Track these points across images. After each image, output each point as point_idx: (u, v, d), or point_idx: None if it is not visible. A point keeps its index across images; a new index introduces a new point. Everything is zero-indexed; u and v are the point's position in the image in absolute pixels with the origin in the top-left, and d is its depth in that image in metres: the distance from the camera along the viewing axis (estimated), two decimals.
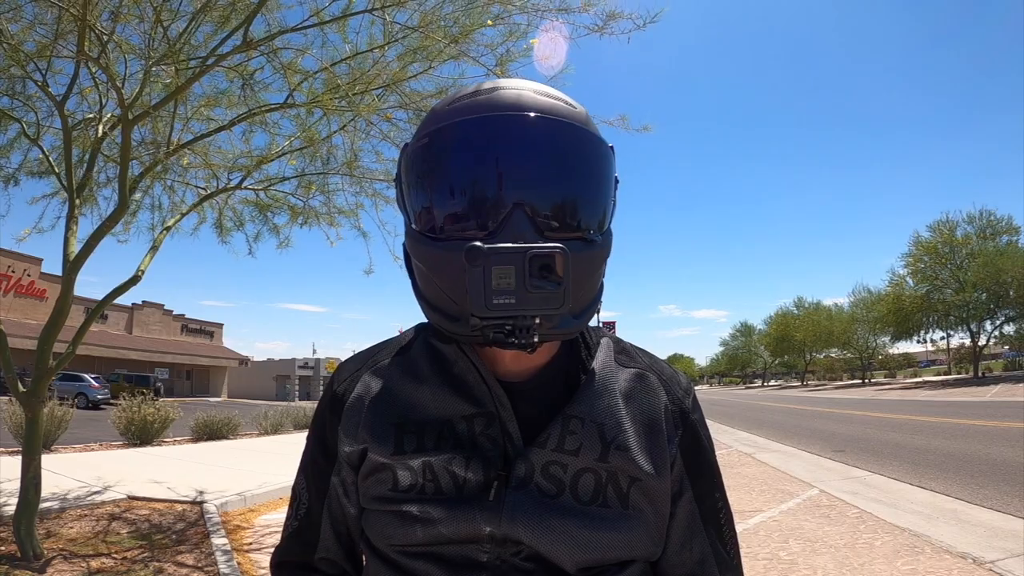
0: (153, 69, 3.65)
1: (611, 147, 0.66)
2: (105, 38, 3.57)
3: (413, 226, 0.65)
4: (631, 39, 3.60)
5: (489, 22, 3.67)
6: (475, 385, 0.66)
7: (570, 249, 0.58)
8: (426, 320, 0.68)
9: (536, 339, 0.56)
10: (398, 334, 0.78)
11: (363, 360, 0.74)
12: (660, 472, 0.65)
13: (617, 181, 0.68)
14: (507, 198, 0.59)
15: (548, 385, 0.67)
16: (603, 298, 0.70)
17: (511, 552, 0.61)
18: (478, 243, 0.53)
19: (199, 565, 3.83)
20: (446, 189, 0.62)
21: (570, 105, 0.65)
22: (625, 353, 0.74)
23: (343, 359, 0.78)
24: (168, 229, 4.82)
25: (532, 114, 0.61)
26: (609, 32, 3.63)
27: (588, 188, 0.64)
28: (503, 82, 0.65)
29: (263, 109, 4.38)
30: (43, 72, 3.98)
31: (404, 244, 0.68)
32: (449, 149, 0.62)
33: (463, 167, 0.62)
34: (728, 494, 0.76)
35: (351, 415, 0.69)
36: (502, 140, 0.61)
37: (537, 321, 0.55)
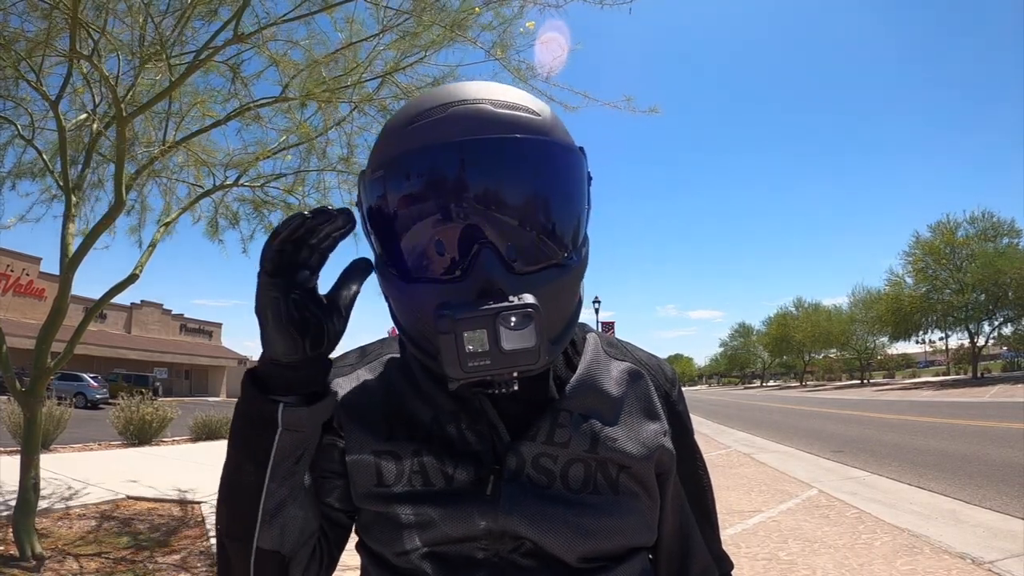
0: (146, 66, 3.64)
1: (581, 149, 0.63)
2: (97, 36, 3.57)
3: (381, 259, 0.63)
4: (632, 9, 3.49)
5: (476, 9, 3.63)
6: None
7: (544, 279, 0.58)
8: None
9: (516, 387, 0.55)
10: (387, 335, 0.79)
11: (358, 356, 0.75)
12: (649, 459, 0.66)
13: (590, 179, 0.64)
14: (472, 236, 0.56)
15: (535, 382, 0.66)
16: (601, 298, 0.69)
17: (509, 548, 0.61)
18: (446, 312, 0.51)
19: (198, 565, 3.82)
20: (405, 228, 0.59)
21: (533, 113, 0.60)
22: (613, 346, 0.75)
23: (347, 351, 0.78)
24: (168, 224, 4.82)
25: (492, 137, 0.57)
26: (610, 3, 3.51)
27: (559, 210, 0.61)
28: (459, 91, 0.60)
29: (257, 104, 4.37)
30: (36, 72, 3.98)
31: (376, 274, 0.66)
32: (404, 185, 0.58)
33: (421, 205, 0.58)
34: (727, 494, 0.77)
35: (340, 410, 0.68)
36: (460, 173, 0.57)
37: (515, 374, 0.54)
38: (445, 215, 0.57)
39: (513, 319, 0.51)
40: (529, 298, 0.52)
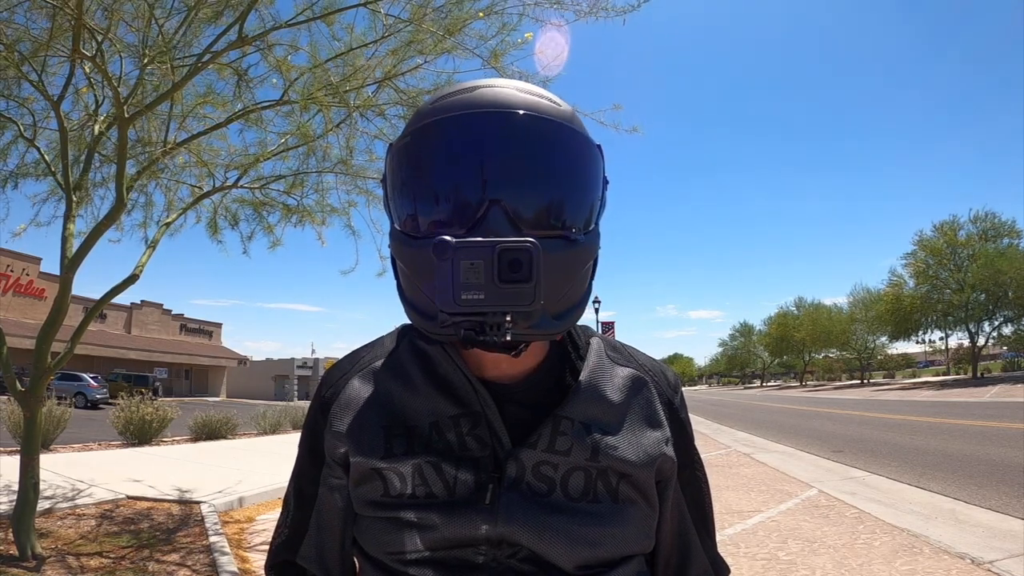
0: (148, 67, 3.64)
1: (599, 146, 0.65)
2: (100, 37, 3.57)
3: (396, 226, 0.64)
4: (626, 20, 3.53)
5: (480, 14, 3.65)
6: (460, 385, 0.65)
7: (550, 248, 0.57)
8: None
9: (509, 337, 0.54)
10: (390, 332, 0.78)
11: (350, 363, 0.74)
12: (650, 467, 0.66)
13: (607, 182, 0.66)
14: (484, 195, 0.58)
15: (537, 388, 0.67)
16: (601, 298, 0.69)
17: (507, 554, 0.61)
18: (446, 237, 0.51)
19: (198, 565, 3.82)
20: (425, 187, 0.61)
21: (554, 103, 0.63)
22: (616, 351, 0.74)
23: (340, 358, 0.77)
24: (168, 225, 4.82)
25: (510, 111, 0.60)
26: (604, 16, 3.55)
27: (569, 185, 0.62)
28: (487, 80, 0.65)
29: (259, 107, 4.37)
30: (39, 72, 3.97)
31: (390, 246, 0.67)
32: (427, 147, 0.62)
33: (440, 165, 0.61)
34: (727, 494, 0.77)
35: (340, 419, 0.68)
36: (478, 137, 0.60)
37: (508, 319, 0.53)
38: (460, 177, 0.59)
39: (513, 254, 0.51)
40: (528, 239, 0.52)
